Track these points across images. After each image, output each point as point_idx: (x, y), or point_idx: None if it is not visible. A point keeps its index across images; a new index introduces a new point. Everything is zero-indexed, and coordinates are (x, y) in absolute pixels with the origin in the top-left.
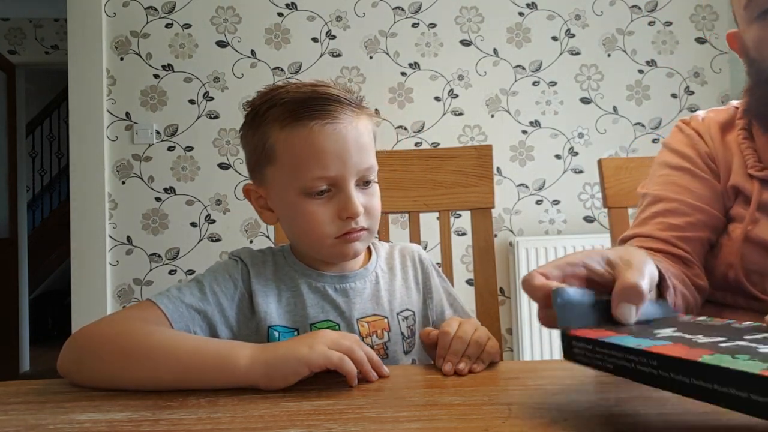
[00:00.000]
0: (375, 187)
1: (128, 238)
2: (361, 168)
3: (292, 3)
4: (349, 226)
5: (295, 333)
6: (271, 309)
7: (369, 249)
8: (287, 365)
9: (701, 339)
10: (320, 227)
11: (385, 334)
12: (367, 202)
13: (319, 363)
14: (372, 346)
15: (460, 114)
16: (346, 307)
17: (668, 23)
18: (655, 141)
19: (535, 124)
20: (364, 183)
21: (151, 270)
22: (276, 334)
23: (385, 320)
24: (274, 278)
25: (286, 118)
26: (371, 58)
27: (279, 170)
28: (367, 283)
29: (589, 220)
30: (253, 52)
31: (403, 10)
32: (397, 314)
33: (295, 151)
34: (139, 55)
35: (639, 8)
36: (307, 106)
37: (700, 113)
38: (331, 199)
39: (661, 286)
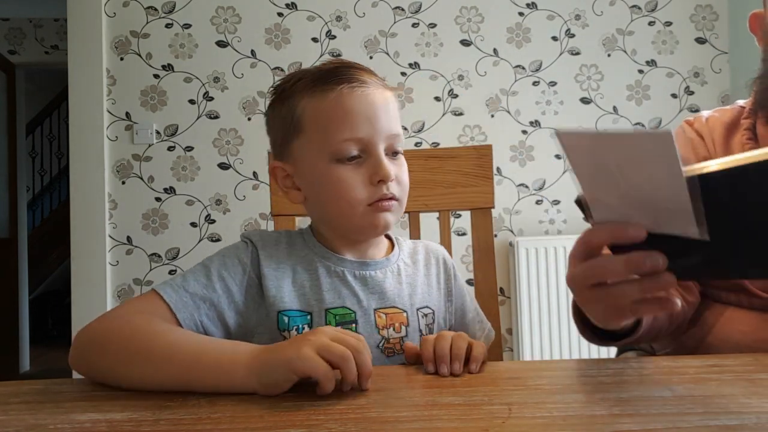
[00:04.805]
0: (403, 160)
1: (128, 238)
2: (390, 133)
3: (292, 3)
4: (381, 192)
5: (308, 317)
6: (283, 292)
7: (392, 241)
8: (277, 373)
9: None
10: (352, 192)
11: (403, 328)
12: (397, 171)
13: (303, 371)
14: (388, 340)
15: (460, 114)
16: (364, 296)
17: (668, 23)
18: None
19: (535, 124)
20: (393, 153)
21: (151, 270)
22: (286, 319)
23: (404, 314)
24: (288, 259)
25: (314, 85)
26: (371, 58)
27: (308, 139)
28: (388, 274)
29: None
30: (253, 52)
31: (403, 10)
32: (417, 310)
33: (324, 115)
34: (139, 55)
35: (639, 8)
36: (335, 72)
37: (705, 113)
38: (361, 164)
39: None
